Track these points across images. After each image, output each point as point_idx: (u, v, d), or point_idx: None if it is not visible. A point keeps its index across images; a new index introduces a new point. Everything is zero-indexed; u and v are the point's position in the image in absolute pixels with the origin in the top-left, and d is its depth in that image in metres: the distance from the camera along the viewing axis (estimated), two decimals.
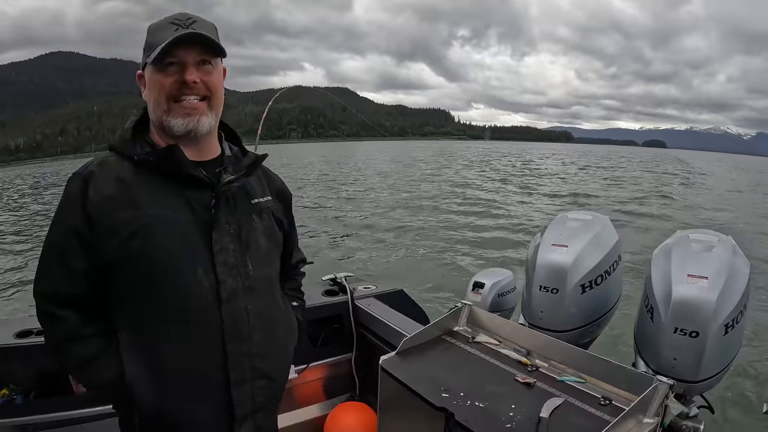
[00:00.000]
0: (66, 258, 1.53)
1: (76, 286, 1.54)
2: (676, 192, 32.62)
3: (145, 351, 1.55)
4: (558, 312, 2.68)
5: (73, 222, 1.52)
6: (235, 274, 1.61)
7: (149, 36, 1.60)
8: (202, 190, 1.61)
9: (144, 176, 1.57)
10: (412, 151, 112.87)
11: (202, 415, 1.61)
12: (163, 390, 1.56)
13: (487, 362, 2.34)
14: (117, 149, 1.62)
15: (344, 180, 36.12)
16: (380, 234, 15.68)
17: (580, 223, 2.89)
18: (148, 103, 1.64)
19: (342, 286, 3.58)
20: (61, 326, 1.55)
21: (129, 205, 1.52)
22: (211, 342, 1.57)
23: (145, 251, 1.51)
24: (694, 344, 2.15)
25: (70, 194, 1.55)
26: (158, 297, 1.53)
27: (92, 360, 1.55)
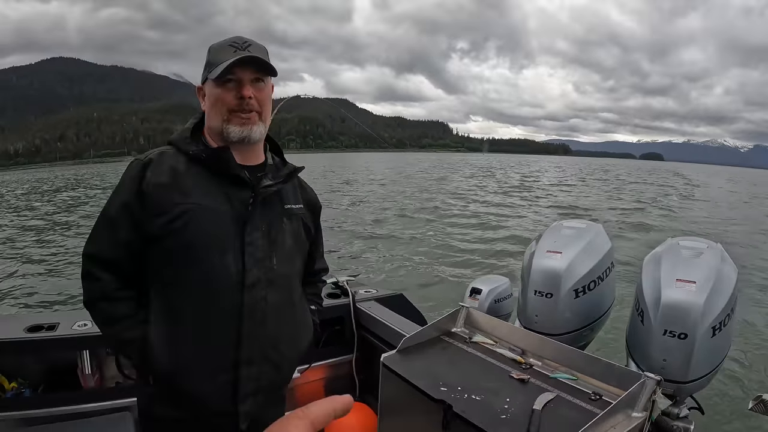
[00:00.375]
0: (115, 227, 1.75)
1: (118, 253, 1.75)
2: (671, 203, 32.69)
3: (170, 318, 1.75)
4: (552, 316, 2.75)
5: (128, 198, 1.74)
6: (260, 266, 1.81)
7: (210, 55, 1.83)
8: (243, 189, 1.83)
9: (194, 169, 1.80)
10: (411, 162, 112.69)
11: (209, 387, 1.78)
12: (179, 356, 1.74)
13: (483, 360, 2.42)
14: (175, 144, 1.87)
15: (346, 187, 36.06)
16: (381, 240, 15.73)
17: (575, 231, 2.97)
18: (207, 112, 1.89)
19: (344, 289, 3.66)
20: (98, 285, 1.75)
21: (178, 191, 1.74)
22: (230, 321, 1.76)
23: (187, 231, 1.71)
24: (683, 346, 2.22)
25: (130, 175, 1.77)
26: (190, 273, 1.73)
27: (120, 319, 1.75)
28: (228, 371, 1.78)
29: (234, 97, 1.80)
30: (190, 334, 1.75)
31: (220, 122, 1.83)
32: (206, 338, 1.75)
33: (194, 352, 1.75)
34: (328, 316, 3.53)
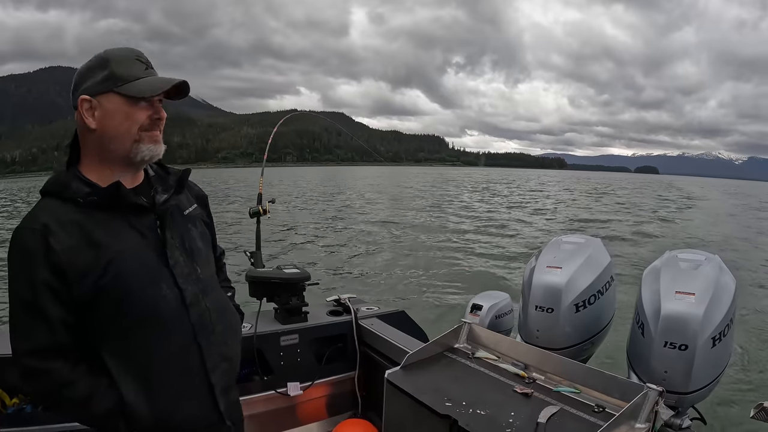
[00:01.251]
0: (41, 310, 1.57)
1: (58, 336, 1.60)
2: (669, 215, 32.73)
3: (135, 369, 1.66)
4: (553, 331, 2.77)
5: (42, 275, 1.56)
6: (191, 281, 1.76)
7: (114, 65, 1.65)
8: (144, 215, 1.73)
9: (91, 215, 1.64)
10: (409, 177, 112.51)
11: (194, 409, 1.76)
12: (160, 399, 1.68)
13: (486, 375, 2.44)
14: (56, 195, 1.67)
15: (346, 203, 36.05)
16: (382, 257, 15.67)
17: (574, 245, 3.00)
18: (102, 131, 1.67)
19: (346, 306, 3.68)
20: (51, 378, 1.60)
21: (91, 246, 1.60)
22: (187, 342, 1.73)
23: (116, 283, 1.61)
24: (683, 357, 2.24)
25: (30, 249, 1.58)
26: (135, 317, 1.65)
27: (89, 397, 1.62)
28: (204, 387, 1.78)
29: (148, 117, 1.69)
30: (161, 374, 1.70)
31: (128, 142, 1.68)
32: (177, 369, 1.73)
33: (173, 388, 1.72)
34: (331, 333, 3.56)
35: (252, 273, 3.49)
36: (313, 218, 25.98)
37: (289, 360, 3.35)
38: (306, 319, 3.51)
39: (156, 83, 1.68)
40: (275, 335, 3.34)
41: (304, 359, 3.41)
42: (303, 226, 22.65)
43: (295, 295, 3.49)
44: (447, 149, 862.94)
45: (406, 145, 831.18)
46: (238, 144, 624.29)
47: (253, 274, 3.49)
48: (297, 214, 27.33)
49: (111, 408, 1.62)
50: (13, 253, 1.60)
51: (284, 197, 38.18)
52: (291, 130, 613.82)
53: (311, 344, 3.46)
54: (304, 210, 30.07)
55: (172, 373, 1.70)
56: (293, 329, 3.40)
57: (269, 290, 3.46)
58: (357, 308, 3.67)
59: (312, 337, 3.46)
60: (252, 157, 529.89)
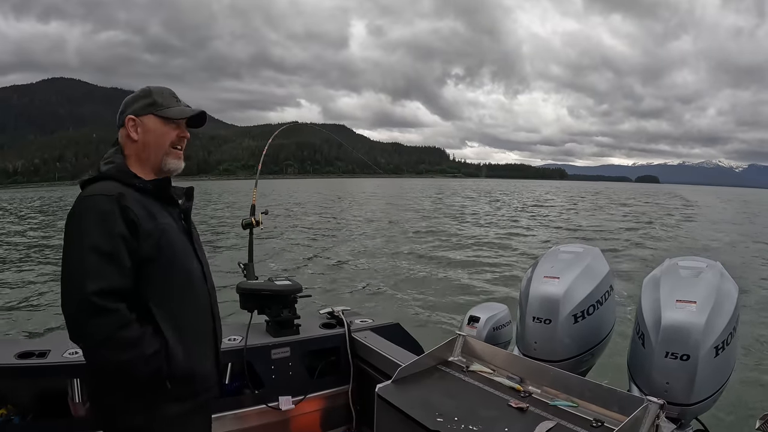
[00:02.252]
0: (115, 258, 1.90)
1: (126, 281, 1.92)
2: (669, 223, 32.79)
3: (174, 321, 2.02)
4: (551, 342, 2.71)
5: (119, 229, 1.92)
6: (204, 261, 2.27)
7: (155, 96, 2.16)
8: (174, 207, 2.21)
9: (145, 198, 2.07)
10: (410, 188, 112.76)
11: (209, 364, 2.19)
12: (190, 350, 2.06)
13: (480, 389, 2.38)
14: (118, 179, 2.06)
15: (342, 215, 36.11)
16: (377, 269, 15.65)
17: (572, 255, 2.94)
18: (143, 143, 2.15)
19: (339, 319, 3.62)
20: (115, 317, 1.87)
21: (151, 217, 2.02)
22: (207, 307, 2.22)
23: (168, 247, 2.04)
24: (685, 367, 2.18)
25: (107, 209, 1.93)
26: (178, 278, 2.08)
27: (141, 338, 1.92)
28: (214, 347, 2.23)
29: (177, 136, 2.19)
30: (191, 327, 2.10)
31: (161, 155, 2.17)
32: (201, 328, 2.17)
33: (197, 341, 2.12)
34: (324, 347, 3.50)
35: (243, 285, 3.46)
36: (308, 229, 26.03)
37: (280, 373, 3.30)
38: (298, 331, 3.47)
39: (184, 110, 2.20)
40: (266, 348, 3.29)
41: (296, 373, 3.36)
42: (297, 237, 22.69)
43: (287, 307, 3.45)
44: (448, 161, 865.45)
45: (407, 157, 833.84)
46: (239, 156, 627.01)
47: (244, 285, 3.45)
48: (291, 225, 27.40)
49: (158, 349, 1.95)
50: (87, 213, 1.94)
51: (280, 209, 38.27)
52: (292, 142, 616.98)
53: (303, 357, 3.41)
54: (298, 221, 30.14)
55: (198, 329, 2.15)
56: (285, 342, 3.34)
57: (260, 302, 3.42)
58: (351, 321, 3.61)
59: (304, 351, 3.41)
60: (253, 169, 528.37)
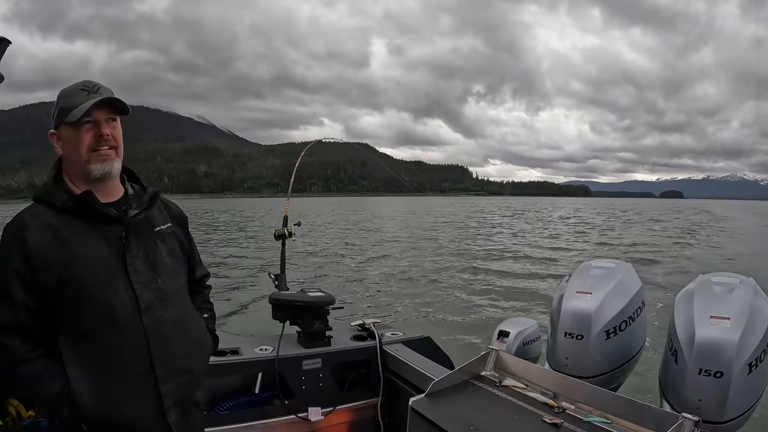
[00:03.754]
0: (9, 294, 1.81)
1: (19, 317, 1.81)
2: (700, 238, 32.41)
3: (85, 360, 1.85)
4: (583, 358, 2.71)
5: (13, 263, 1.81)
6: (149, 289, 1.95)
7: (62, 100, 1.96)
8: (113, 225, 1.96)
9: (66, 219, 1.89)
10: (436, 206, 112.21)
11: (139, 412, 1.90)
12: (103, 392, 1.84)
13: (514, 404, 2.37)
14: (41, 199, 1.95)
15: (370, 230, 36.07)
16: (408, 282, 15.62)
17: (604, 270, 2.94)
18: (66, 156, 1.99)
19: (370, 331, 3.62)
20: (9, 353, 1.80)
21: (59, 245, 1.84)
22: (138, 345, 1.89)
23: (77, 278, 1.83)
24: (718, 384, 2.17)
25: (8, 241, 1.85)
26: (91, 313, 1.85)
27: (40, 377, 1.82)
28: (150, 393, 1.91)
29: (92, 137, 1.93)
30: (108, 369, 1.86)
31: (81, 163, 1.94)
32: (124, 369, 1.88)
33: (117, 385, 1.87)
34: (354, 359, 3.51)
35: (275, 296, 3.49)
36: (339, 243, 26.01)
37: (310, 384, 3.32)
38: (329, 343, 3.47)
39: (84, 106, 1.91)
40: (297, 359, 3.30)
41: (326, 384, 3.37)
42: (328, 250, 22.70)
43: (319, 318, 3.46)
44: (471, 179, 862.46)
45: (430, 176, 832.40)
46: (264, 174, 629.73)
47: (277, 296, 3.48)
48: (323, 238, 27.40)
49: (57, 391, 1.81)
50: None
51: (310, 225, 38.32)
52: (316, 160, 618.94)
53: (334, 369, 3.42)
54: (330, 234, 30.13)
55: (118, 370, 1.87)
56: (316, 353, 3.36)
57: (292, 313, 3.45)
58: (381, 333, 3.62)
59: (335, 362, 3.42)
60: (278, 187, 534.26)
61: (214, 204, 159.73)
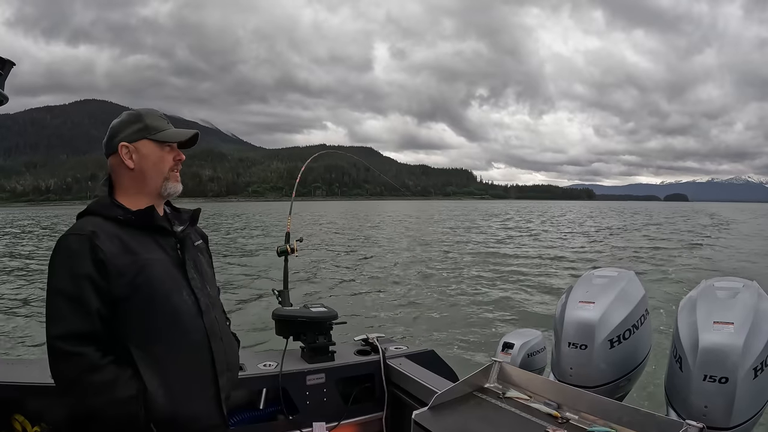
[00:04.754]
0: (80, 300, 1.85)
1: (92, 324, 1.86)
2: (703, 242, 32.32)
3: (156, 362, 1.93)
4: (587, 368, 2.70)
5: (86, 269, 1.86)
6: (202, 294, 2.12)
7: (147, 119, 2.12)
8: (167, 237, 2.11)
9: (128, 230, 2.00)
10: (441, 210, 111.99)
11: (203, 405, 2.04)
12: (175, 392, 1.94)
13: (518, 416, 2.35)
14: (99, 213, 2.03)
15: (373, 241, 36.03)
16: (411, 296, 15.52)
17: (606, 279, 2.94)
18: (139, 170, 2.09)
19: (374, 346, 3.61)
20: (82, 360, 1.83)
21: (128, 253, 1.94)
22: (201, 344, 2.05)
23: (148, 284, 1.94)
24: (724, 390, 2.16)
25: (76, 250, 1.89)
26: (160, 316, 1.96)
27: (114, 383, 1.86)
28: (211, 387, 2.07)
29: (173, 159, 2.15)
30: (177, 368, 1.97)
31: (159, 179, 2.11)
32: (190, 367, 2.02)
33: (186, 383, 1.99)
34: (358, 373, 3.50)
35: (279, 311, 3.49)
36: (341, 256, 25.97)
37: (315, 400, 3.30)
38: (333, 358, 3.47)
39: (180, 132, 2.17)
40: (301, 374, 3.29)
41: (331, 399, 3.35)
42: (331, 264, 22.65)
43: (322, 334, 3.46)
44: (475, 183, 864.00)
45: (435, 179, 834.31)
46: (268, 178, 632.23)
47: (280, 312, 3.49)
48: (325, 252, 27.36)
49: (133, 394, 1.86)
50: (57, 255, 1.91)
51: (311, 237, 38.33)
52: (320, 165, 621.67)
53: (338, 384, 3.40)
54: (331, 248, 30.09)
55: (186, 369, 2.00)
56: (320, 368, 3.35)
57: (296, 329, 3.44)
58: (385, 347, 3.61)
59: (339, 377, 3.41)
60: (282, 191, 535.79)
61: (219, 207, 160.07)
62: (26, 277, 19.12)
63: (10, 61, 2.07)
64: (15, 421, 2.90)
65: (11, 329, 11.56)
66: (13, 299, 14.97)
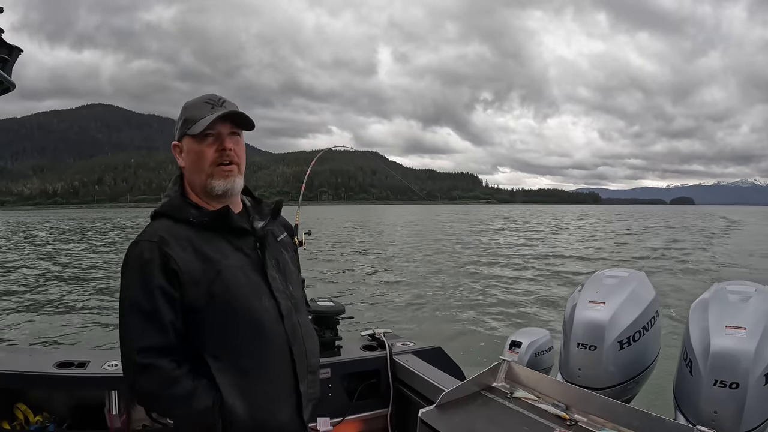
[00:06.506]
0: (155, 313, 1.77)
1: (168, 336, 1.79)
2: (714, 245, 32.21)
3: (234, 372, 1.85)
4: (596, 369, 2.68)
5: (158, 281, 1.77)
6: (284, 297, 1.99)
7: (187, 112, 1.95)
8: (246, 237, 1.98)
9: (201, 233, 1.89)
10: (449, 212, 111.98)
11: (285, 413, 1.95)
12: (255, 401, 1.86)
13: (525, 416, 2.34)
14: (169, 215, 1.93)
15: (381, 239, 36.03)
16: (419, 292, 15.55)
17: (617, 280, 2.91)
18: (187, 168, 1.98)
19: (380, 341, 3.60)
20: (160, 374, 1.77)
21: (202, 259, 1.83)
22: (282, 350, 1.94)
23: (226, 291, 1.83)
24: (734, 396, 2.13)
25: (147, 258, 1.80)
26: (240, 324, 1.86)
27: (191, 395, 1.78)
28: (292, 394, 1.97)
29: (215, 151, 1.91)
30: (257, 378, 1.88)
31: (204, 177, 1.93)
32: (271, 375, 1.91)
33: (266, 391, 1.90)
34: (364, 369, 3.48)
35: None
36: (349, 252, 25.99)
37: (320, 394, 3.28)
38: (339, 353, 3.47)
39: (208, 119, 1.89)
40: None
41: (336, 394, 3.35)
42: (338, 259, 22.67)
43: (329, 328, 3.46)
44: (480, 187, 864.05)
45: (440, 184, 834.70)
46: (274, 183, 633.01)
47: None
48: (333, 247, 27.38)
49: (211, 405, 1.79)
50: (129, 264, 1.84)
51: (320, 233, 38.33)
52: (326, 169, 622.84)
53: (343, 379, 3.40)
54: (339, 244, 30.11)
55: (266, 377, 1.90)
56: (325, 363, 3.30)
57: None
58: (392, 343, 3.59)
59: (345, 372, 3.41)
60: (288, 195, 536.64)
61: None
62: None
63: (17, 48, 2.06)
64: (17, 410, 2.91)
65: (15, 320, 11.77)
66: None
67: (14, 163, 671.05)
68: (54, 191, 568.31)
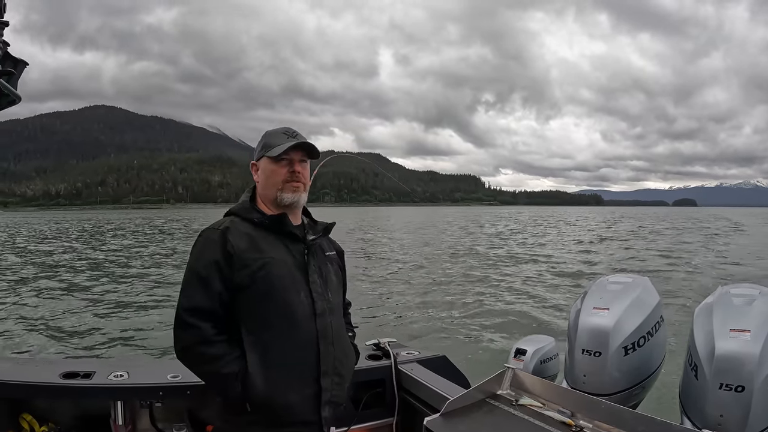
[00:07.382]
0: (207, 282, 2.16)
1: (212, 303, 2.15)
2: (718, 248, 32.12)
3: (262, 349, 2.17)
4: (601, 375, 2.67)
5: (215, 257, 2.17)
6: (322, 299, 2.31)
7: (267, 138, 2.41)
8: (297, 243, 2.35)
9: (261, 232, 2.29)
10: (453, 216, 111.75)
11: (299, 398, 2.21)
12: (274, 378, 2.15)
13: (531, 424, 2.34)
14: (238, 214, 2.36)
15: (383, 245, 35.95)
16: (423, 300, 15.48)
17: (621, 285, 2.91)
18: (261, 183, 2.41)
19: (385, 350, 3.59)
20: (196, 332, 2.13)
21: (255, 250, 2.22)
22: (310, 342, 2.24)
23: (268, 278, 2.19)
24: (740, 399, 2.13)
25: (211, 239, 2.23)
26: (275, 309, 2.20)
27: (221, 357, 2.13)
28: (312, 385, 2.24)
29: (287, 172, 2.34)
30: (280, 358, 2.18)
31: (275, 191, 2.34)
32: (294, 359, 2.21)
33: (287, 373, 2.19)
34: (369, 378, 3.46)
35: None
36: (353, 259, 25.93)
37: None
38: None
39: (284, 146, 2.32)
40: None
41: None
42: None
43: None
44: (483, 188, 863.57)
45: (443, 185, 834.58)
46: None
47: None
48: None
49: (236, 372, 2.12)
50: (198, 242, 2.27)
51: None
52: (329, 171, 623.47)
53: (348, 388, 3.37)
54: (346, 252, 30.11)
55: (290, 361, 2.20)
56: None
57: None
58: (397, 352, 3.58)
59: (350, 382, 3.37)
60: None
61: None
62: None
63: (23, 61, 2.09)
64: (23, 420, 2.92)
65: (19, 329, 11.68)
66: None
67: (17, 164, 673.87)
68: (57, 192, 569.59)
